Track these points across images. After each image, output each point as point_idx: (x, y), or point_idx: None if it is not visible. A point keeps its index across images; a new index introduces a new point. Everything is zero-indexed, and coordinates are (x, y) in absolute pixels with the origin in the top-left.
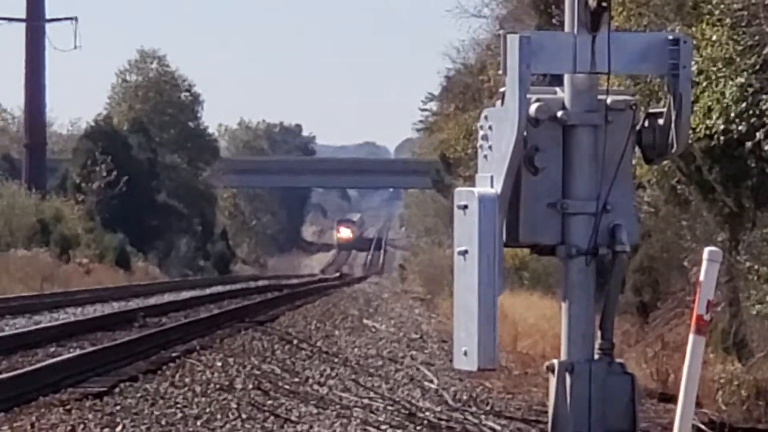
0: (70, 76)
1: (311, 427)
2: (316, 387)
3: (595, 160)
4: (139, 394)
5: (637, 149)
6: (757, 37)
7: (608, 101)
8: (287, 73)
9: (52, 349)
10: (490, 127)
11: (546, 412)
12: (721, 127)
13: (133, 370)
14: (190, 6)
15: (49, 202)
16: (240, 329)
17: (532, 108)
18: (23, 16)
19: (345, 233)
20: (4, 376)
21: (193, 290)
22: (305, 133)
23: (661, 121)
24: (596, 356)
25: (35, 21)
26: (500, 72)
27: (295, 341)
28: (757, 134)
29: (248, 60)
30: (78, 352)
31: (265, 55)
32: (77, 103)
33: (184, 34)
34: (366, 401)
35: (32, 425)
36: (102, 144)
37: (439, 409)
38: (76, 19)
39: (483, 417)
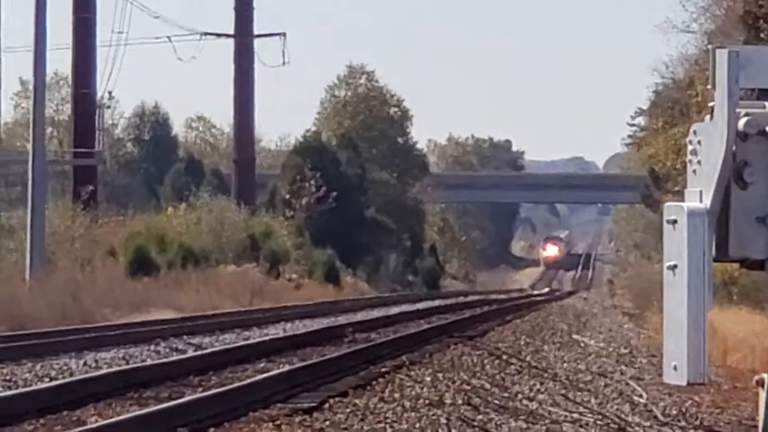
0: (278, 92)
1: None
2: (525, 402)
3: None
4: (348, 410)
5: None
6: None
7: None
8: (496, 88)
9: (262, 365)
10: (699, 142)
11: (756, 427)
12: None
13: (342, 385)
14: (399, 21)
15: (258, 218)
16: (449, 344)
17: (741, 122)
18: (232, 32)
19: (552, 251)
20: (215, 391)
21: (401, 305)
22: (514, 148)
23: None
24: None
25: (244, 37)
26: (709, 87)
27: (504, 356)
28: None
29: (457, 75)
30: (287, 367)
31: (474, 71)
32: (285, 118)
33: (393, 49)
34: (575, 416)
35: None
36: (311, 159)
37: (648, 423)
38: (284, 34)
39: None
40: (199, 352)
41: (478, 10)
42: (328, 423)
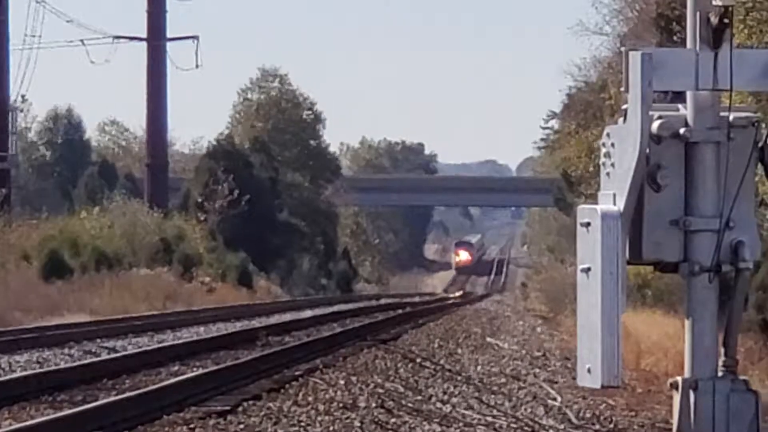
0: (191, 96)
1: None
2: (439, 405)
3: (718, 177)
4: (262, 413)
5: (759, 166)
6: None
7: (730, 118)
8: (409, 91)
9: (176, 368)
10: (612, 145)
11: (669, 430)
12: None
13: (256, 388)
14: (312, 25)
15: (171, 222)
16: (363, 348)
17: (655, 125)
18: (144, 35)
19: (463, 256)
20: (129, 394)
21: (315, 309)
22: (427, 151)
23: None
24: (720, 373)
25: (156, 40)
26: (622, 89)
27: (418, 359)
28: None
29: (370, 79)
30: (201, 371)
31: (386, 74)
32: (198, 122)
33: (306, 53)
34: (489, 419)
35: None
36: (224, 163)
37: (562, 426)
38: (197, 38)
39: None
40: (112, 356)
41: (390, 12)
42: (242, 426)
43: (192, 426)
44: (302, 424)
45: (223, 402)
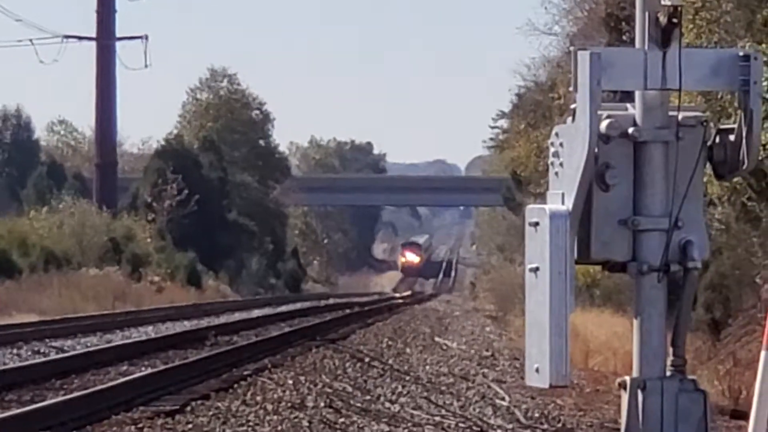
0: (140, 95)
1: None
2: (387, 405)
3: (666, 176)
4: (210, 413)
5: (708, 165)
6: None
7: (679, 117)
8: (358, 91)
9: (124, 368)
10: (561, 144)
11: (618, 430)
12: None
13: (204, 388)
14: (261, 24)
15: (120, 221)
16: (311, 347)
17: (603, 125)
18: (93, 34)
19: (410, 257)
20: (77, 394)
21: (264, 308)
22: (376, 151)
23: (732, 138)
24: (668, 373)
25: (106, 40)
26: (571, 89)
27: (366, 359)
28: None
29: (319, 79)
30: (149, 370)
31: (335, 75)
32: (148, 122)
33: (255, 53)
34: (438, 419)
35: None
36: (173, 163)
37: (510, 426)
38: (146, 37)
39: None
40: (61, 355)
41: (339, 12)
42: (190, 426)
43: (140, 426)
44: (250, 423)
45: (171, 402)
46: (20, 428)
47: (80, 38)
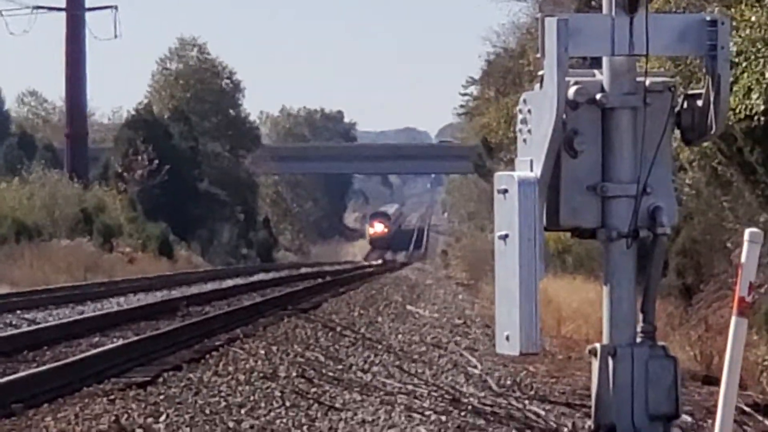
0: (110, 66)
1: (355, 414)
2: (359, 374)
3: (635, 142)
4: (182, 383)
5: (676, 131)
6: None
7: (647, 83)
8: (328, 60)
9: (96, 339)
10: (529, 111)
11: (590, 396)
12: (762, 107)
13: (176, 359)
14: None
15: (91, 192)
16: (283, 317)
17: (571, 91)
18: (63, 5)
19: (378, 228)
20: (48, 366)
21: (236, 278)
22: (346, 119)
23: (700, 103)
24: (638, 340)
25: (75, 10)
26: (539, 55)
27: (338, 328)
28: None
29: (289, 47)
30: (121, 341)
31: (305, 43)
32: (118, 92)
33: (225, 22)
34: (410, 387)
35: (76, 415)
36: (143, 133)
37: (483, 394)
38: (116, 7)
39: (527, 402)
40: (32, 327)
41: None
42: (162, 397)
43: (112, 397)
44: (222, 394)
45: (143, 373)
46: None
47: (50, 9)
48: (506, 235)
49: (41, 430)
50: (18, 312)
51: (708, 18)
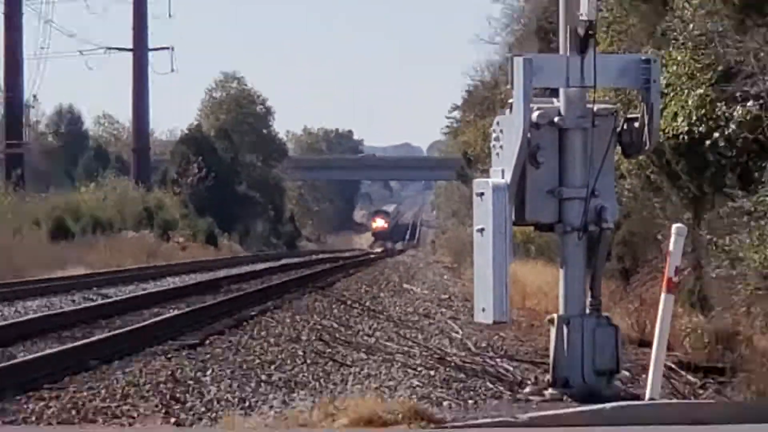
0: (168, 94)
1: (362, 369)
2: (365, 338)
3: (585, 155)
4: (225, 345)
5: (618, 147)
6: (713, 57)
7: (595, 109)
8: (342, 88)
9: (156, 310)
10: (501, 131)
11: (548, 356)
12: (686, 128)
13: (220, 325)
14: (265, 35)
15: (152, 194)
16: (304, 293)
17: (534, 115)
18: (130, 46)
19: (380, 223)
20: (119, 331)
21: (267, 263)
22: (355, 137)
23: (636, 125)
24: (587, 311)
25: (140, 50)
26: (509, 86)
27: (348, 302)
28: (714, 134)
29: (311, 77)
30: (176, 311)
31: (324, 74)
32: (174, 115)
33: (258, 56)
34: (406, 348)
35: (140, 370)
36: (194, 148)
37: (463, 354)
38: (172, 48)
39: (498, 360)
40: (106, 301)
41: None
42: (208, 356)
43: (169, 356)
44: (256, 353)
45: (193, 336)
46: (76, 359)
47: (120, 49)
48: (482, 229)
49: (113, 381)
50: (94, 288)
51: (643, 57)
